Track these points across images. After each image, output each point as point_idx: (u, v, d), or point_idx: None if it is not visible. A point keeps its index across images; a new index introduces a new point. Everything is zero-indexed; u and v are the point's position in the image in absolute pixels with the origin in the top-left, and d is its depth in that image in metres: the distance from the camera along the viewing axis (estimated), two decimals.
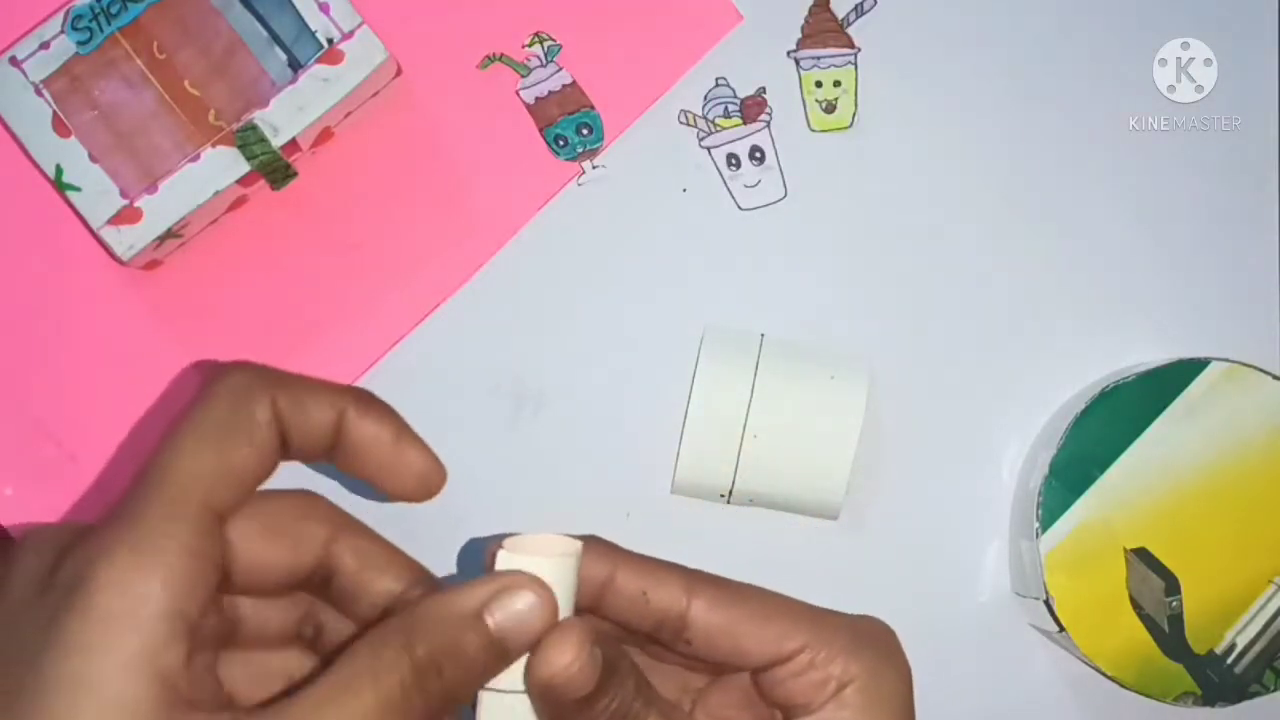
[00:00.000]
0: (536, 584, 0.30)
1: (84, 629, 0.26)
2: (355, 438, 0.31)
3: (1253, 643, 0.46)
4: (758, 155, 0.52)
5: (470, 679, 0.30)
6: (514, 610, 0.30)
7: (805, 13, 0.52)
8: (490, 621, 0.29)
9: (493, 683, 0.30)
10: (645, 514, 0.50)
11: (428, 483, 0.32)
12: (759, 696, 0.36)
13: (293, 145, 0.48)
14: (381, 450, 0.32)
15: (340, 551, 0.31)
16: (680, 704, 0.36)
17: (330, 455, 0.32)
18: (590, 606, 0.34)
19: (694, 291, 0.51)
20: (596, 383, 0.51)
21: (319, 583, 0.32)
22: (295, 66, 0.48)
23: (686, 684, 0.37)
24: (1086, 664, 0.47)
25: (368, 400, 0.32)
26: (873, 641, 0.35)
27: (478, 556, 0.33)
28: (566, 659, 0.30)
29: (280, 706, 0.27)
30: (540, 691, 0.30)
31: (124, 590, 0.26)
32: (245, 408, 0.30)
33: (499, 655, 0.30)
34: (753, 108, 0.52)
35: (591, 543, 0.33)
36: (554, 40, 0.51)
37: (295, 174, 0.49)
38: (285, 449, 0.31)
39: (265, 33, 0.48)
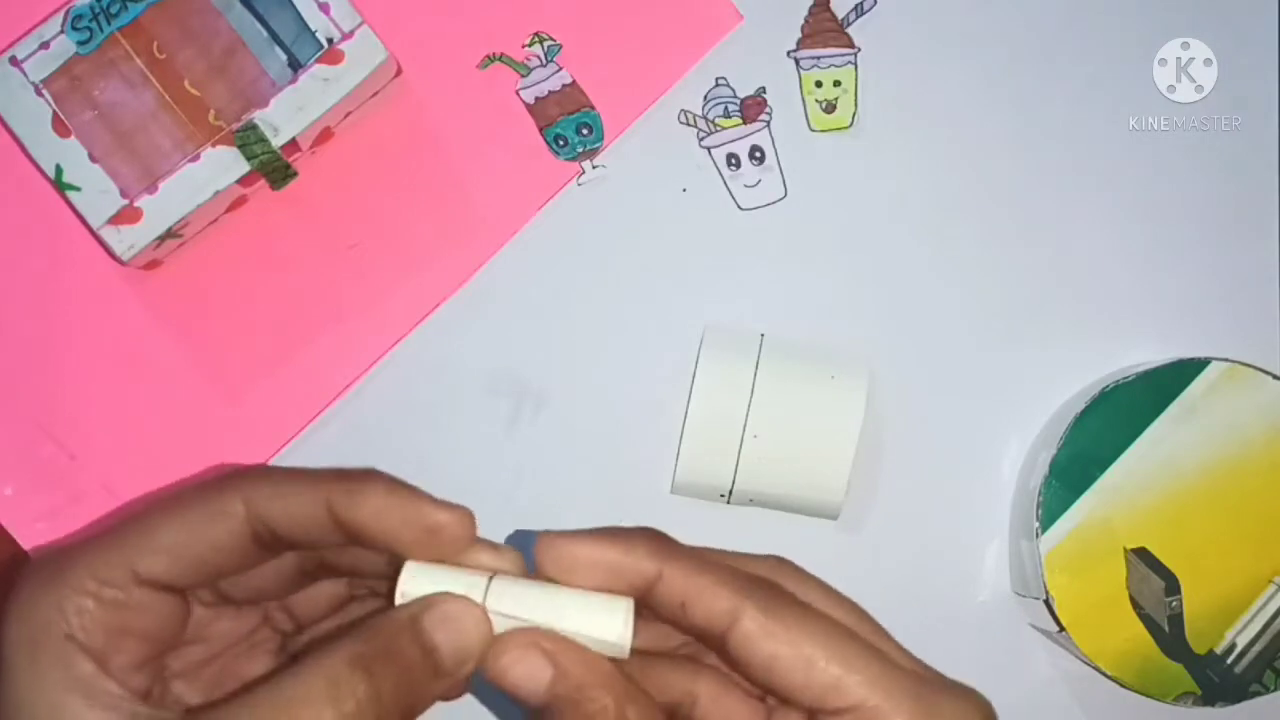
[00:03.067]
0: (468, 603, 0.30)
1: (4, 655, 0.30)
2: (361, 517, 0.31)
3: (1253, 643, 0.46)
4: (758, 155, 0.52)
5: (406, 684, 0.30)
6: (446, 618, 0.30)
7: (805, 13, 0.52)
8: (424, 628, 0.30)
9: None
10: (645, 514, 0.50)
11: (455, 533, 0.31)
12: None
13: (293, 145, 0.48)
14: (394, 522, 0.31)
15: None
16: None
17: (349, 539, 0.31)
18: (641, 602, 0.32)
19: (694, 291, 0.51)
20: (596, 383, 0.51)
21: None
22: (295, 66, 0.48)
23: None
24: (1086, 664, 0.47)
25: (358, 478, 0.31)
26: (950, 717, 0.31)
27: None
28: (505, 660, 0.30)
29: (220, 705, 0.29)
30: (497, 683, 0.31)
31: (25, 619, 0.30)
32: (217, 498, 0.31)
33: (434, 666, 0.30)
34: (753, 108, 0.52)
35: (645, 536, 0.31)
36: (554, 40, 0.51)
37: (295, 174, 0.49)
38: (273, 541, 0.31)
39: (265, 33, 0.48)
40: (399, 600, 0.31)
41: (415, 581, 0.31)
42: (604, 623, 0.31)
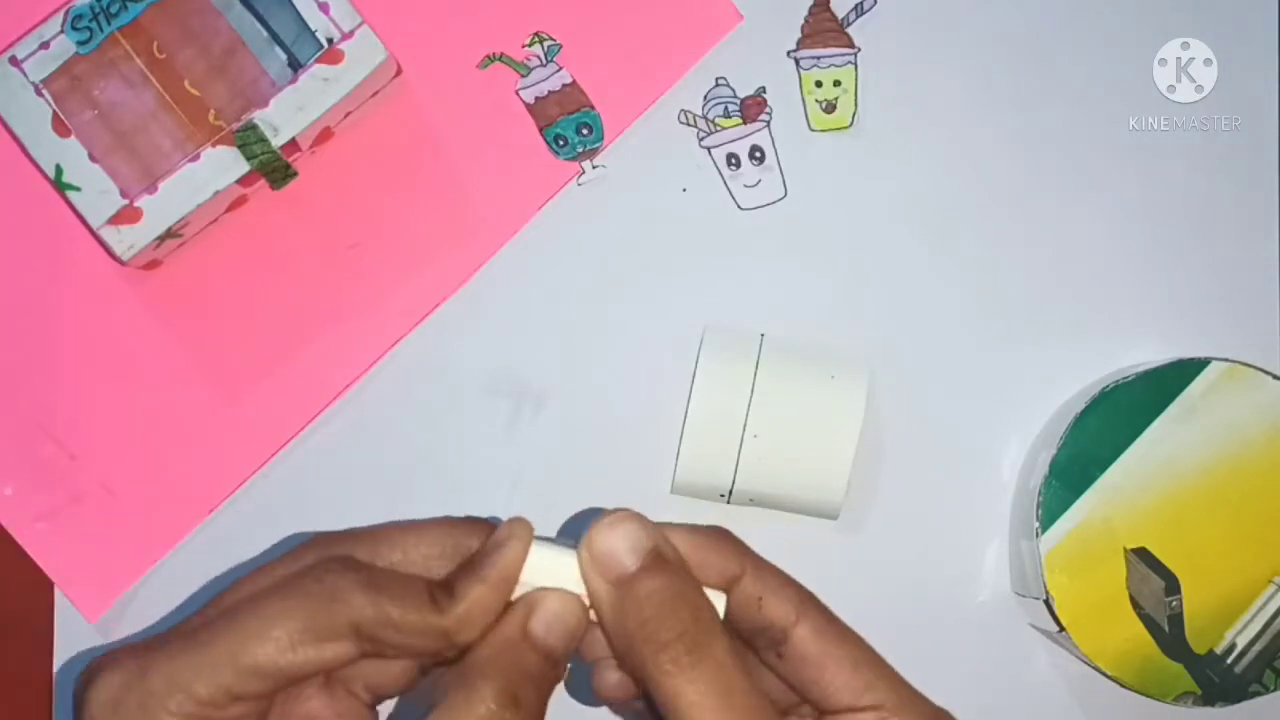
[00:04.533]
0: (564, 597, 0.33)
1: None
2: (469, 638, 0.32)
3: (1253, 643, 0.46)
4: (758, 155, 0.52)
5: (541, 689, 0.32)
6: (551, 615, 0.32)
7: (805, 13, 0.52)
8: (537, 634, 0.32)
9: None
10: (645, 514, 0.50)
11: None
12: None
13: (293, 145, 0.48)
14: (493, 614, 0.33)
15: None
16: None
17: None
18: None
19: (694, 291, 0.51)
20: (596, 383, 0.51)
21: None
22: (295, 66, 0.48)
23: None
24: (1086, 664, 0.47)
25: (465, 574, 0.33)
26: None
27: None
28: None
29: None
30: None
31: None
32: (325, 616, 0.31)
33: (553, 663, 0.32)
34: (753, 108, 0.52)
35: (725, 539, 0.34)
36: (554, 40, 0.51)
37: (295, 174, 0.49)
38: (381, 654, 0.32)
39: (265, 33, 0.48)
40: (518, 591, 0.32)
41: (537, 571, 0.33)
42: None
